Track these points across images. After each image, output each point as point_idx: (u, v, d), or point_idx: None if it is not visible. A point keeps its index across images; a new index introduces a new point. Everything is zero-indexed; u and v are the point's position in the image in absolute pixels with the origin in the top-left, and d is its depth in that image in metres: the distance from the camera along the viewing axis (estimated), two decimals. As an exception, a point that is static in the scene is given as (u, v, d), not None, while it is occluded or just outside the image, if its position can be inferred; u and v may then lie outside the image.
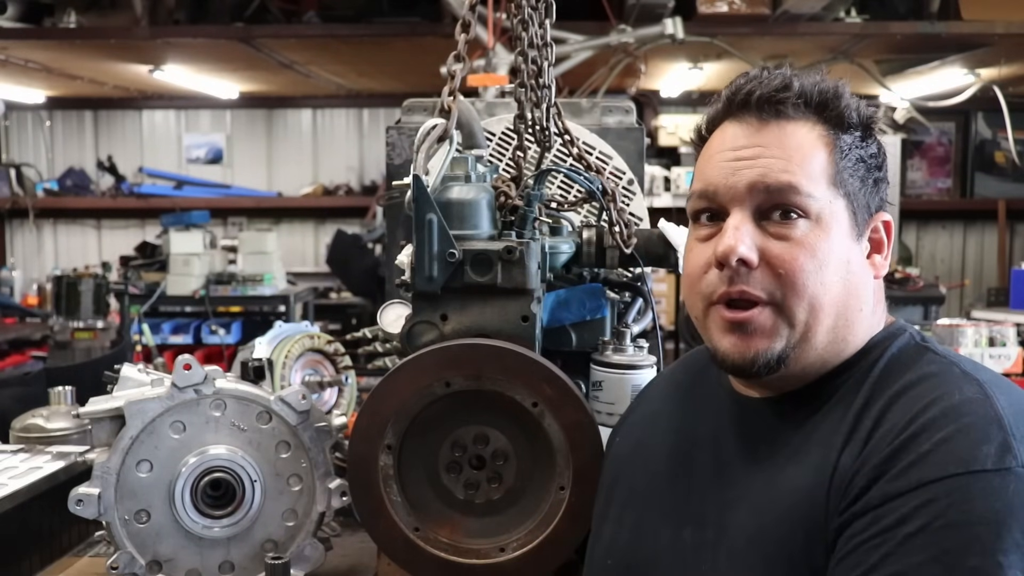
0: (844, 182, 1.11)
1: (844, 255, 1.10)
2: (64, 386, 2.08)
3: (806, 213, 1.09)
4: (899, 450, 0.99)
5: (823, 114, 1.13)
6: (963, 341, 4.12)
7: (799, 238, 1.09)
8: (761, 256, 1.09)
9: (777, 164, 1.10)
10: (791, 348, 1.10)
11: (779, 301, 1.09)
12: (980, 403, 1.00)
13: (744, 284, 1.10)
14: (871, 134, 1.16)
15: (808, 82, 1.14)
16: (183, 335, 6.59)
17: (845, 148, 1.12)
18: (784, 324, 1.10)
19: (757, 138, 1.12)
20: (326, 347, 2.05)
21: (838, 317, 1.10)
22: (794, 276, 1.08)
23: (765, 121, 1.13)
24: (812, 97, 1.13)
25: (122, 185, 8.43)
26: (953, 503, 0.93)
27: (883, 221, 1.16)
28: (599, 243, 1.52)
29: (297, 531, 1.49)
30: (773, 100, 1.12)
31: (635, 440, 1.32)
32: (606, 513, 1.29)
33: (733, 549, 1.10)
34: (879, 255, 1.16)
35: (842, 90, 1.14)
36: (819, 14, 5.19)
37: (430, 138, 1.42)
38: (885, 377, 1.09)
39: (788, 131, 1.12)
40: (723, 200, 1.13)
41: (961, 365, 1.07)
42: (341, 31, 5.66)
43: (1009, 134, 6.57)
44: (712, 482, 1.17)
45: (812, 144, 1.11)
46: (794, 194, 1.09)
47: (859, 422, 1.05)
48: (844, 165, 1.12)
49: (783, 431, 1.13)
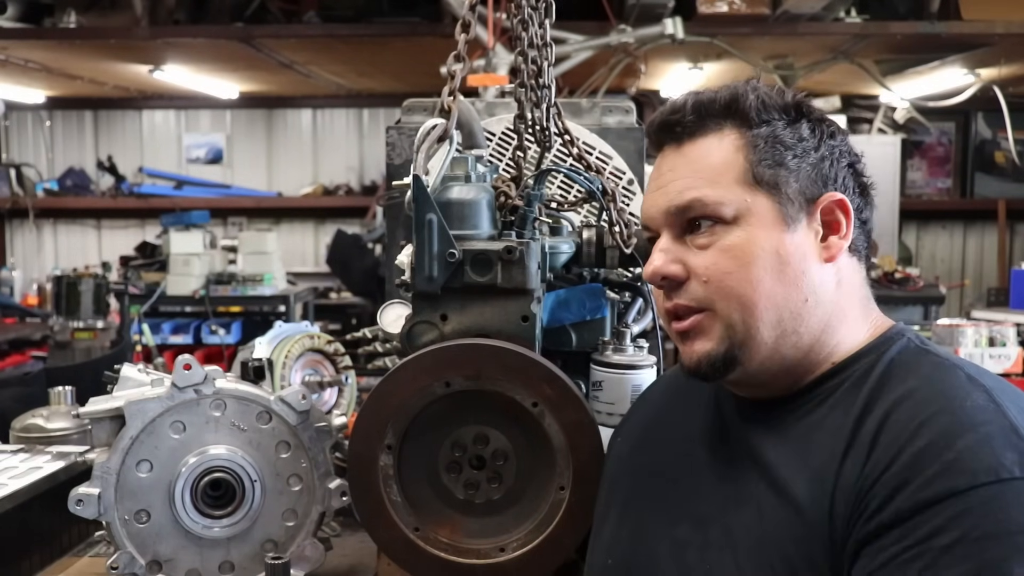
0: (762, 176, 1.13)
1: (770, 248, 1.11)
2: (64, 386, 2.08)
3: (721, 219, 1.13)
4: (919, 458, 0.97)
5: (730, 119, 1.16)
6: (963, 341, 4.12)
7: (719, 244, 1.13)
8: (688, 269, 1.15)
9: (681, 184, 1.16)
10: (737, 348, 1.13)
11: (711, 307, 1.14)
12: (993, 411, 0.99)
13: (677, 298, 1.17)
14: (800, 119, 1.16)
15: (707, 96, 1.19)
16: (183, 335, 6.59)
17: (760, 143, 1.14)
18: (720, 326, 1.14)
19: (667, 164, 1.20)
20: (326, 347, 2.05)
21: (780, 310, 1.12)
22: (718, 280, 1.13)
23: (677, 144, 1.19)
24: (712, 107, 1.17)
25: (122, 185, 8.43)
26: (988, 512, 0.93)
27: (835, 200, 1.14)
28: (599, 243, 1.52)
29: (297, 531, 1.49)
30: (671, 123, 1.19)
31: (636, 441, 1.32)
32: (606, 514, 1.29)
33: (736, 549, 1.09)
34: (835, 235, 1.15)
35: (741, 90, 1.17)
36: (819, 14, 5.19)
37: (430, 138, 1.42)
38: (884, 382, 1.08)
39: (694, 148, 1.17)
40: (652, 227, 1.21)
41: (964, 369, 1.06)
42: (341, 31, 5.66)
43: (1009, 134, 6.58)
44: (713, 484, 1.17)
45: (719, 150, 1.15)
46: (701, 206, 1.14)
47: (860, 427, 1.04)
48: (760, 159, 1.13)
49: (778, 434, 1.13)
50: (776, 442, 1.12)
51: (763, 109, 1.16)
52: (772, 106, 1.16)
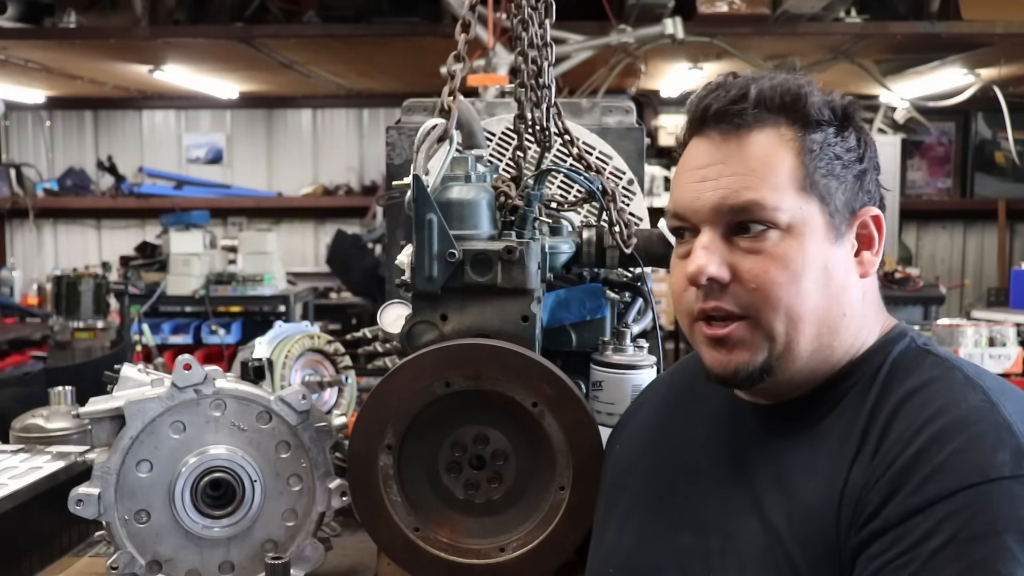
0: (816, 184, 1.09)
1: (820, 261, 1.08)
2: (64, 386, 2.08)
3: (775, 224, 1.08)
4: (912, 463, 0.97)
5: (787, 117, 1.10)
6: (963, 341, 4.12)
7: (770, 251, 1.08)
8: (733, 272, 1.09)
9: (739, 182, 1.09)
10: (774, 359, 1.09)
11: (755, 315, 1.09)
12: (987, 410, 0.99)
13: (718, 300, 1.10)
14: (848, 126, 1.12)
15: (767, 86, 1.11)
16: (183, 335, 6.59)
17: (815, 148, 1.09)
18: (763, 337, 1.09)
19: (718, 154, 1.11)
20: (326, 347, 2.05)
21: (820, 324, 1.09)
22: (767, 290, 1.07)
23: (726, 134, 1.11)
24: (772, 102, 1.10)
25: (122, 185, 8.43)
26: (976, 513, 0.92)
27: (872, 216, 1.12)
28: (599, 243, 1.52)
29: (297, 531, 1.49)
30: (730, 113, 1.10)
31: (636, 446, 1.31)
32: (608, 519, 1.28)
33: (742, 557, 1.09)
34: (868, 251, 1.13)
35: (805, 89, 1.11)
36: (819, 14, 5.19)
37: (430, 138, 1.42)
38: (888, 384, 1.07)
39: (751, 142, 1.10)
40: (692, 221, 1.13)
41: (964, 369, 1.06)
42: (341, 31, 5.66)
43: (1009, 134, 6.58)
44: (717, 489, 1.16)
45: (777, 151, 1.09)
46: (759, 210, 1.08)
47: (867, 433, 1.04)
48: (815, 166, 1.09)
49: (789, 439, 1.12)
50: (785, 448, 1.12)
51: (821, 111, 1.10)
52: (827, 108, 1.11)
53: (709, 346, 1.13)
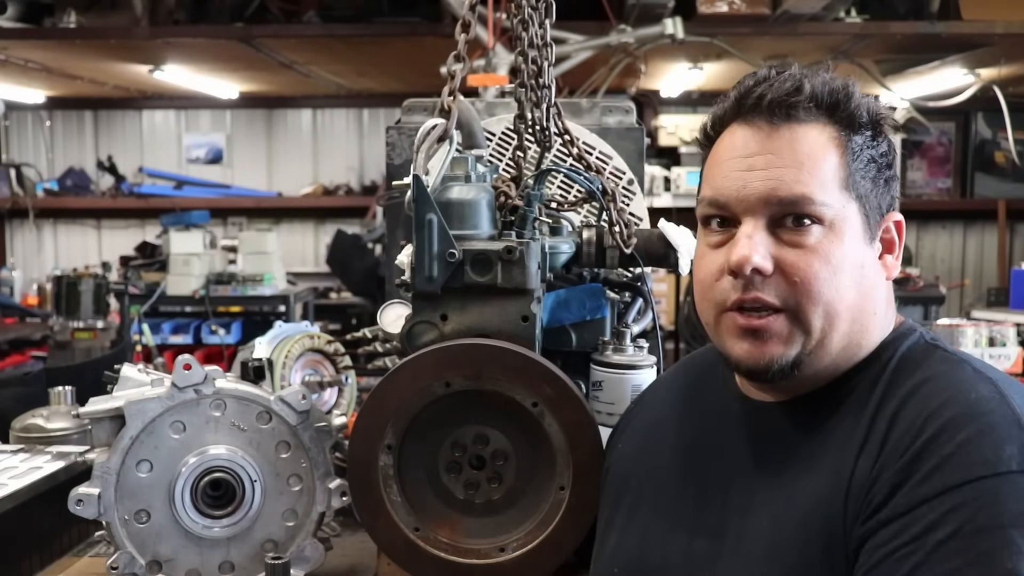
0: (856, 185, 1.10)
1: (858, 259, 1.10)
2: (64, 386, 2.08)
3: (820, 220, 1.08)
4: (920, 453, 0.97)
5: (834, 115, 1.11)
6: (963, 341, 4.12)
7: (813, 245, 1.08)
8: (775, 264, 1.09)
9: (789, 174, 1.09)
10: (806, 354, 1.10)
11: (794, 308, 1.09)
12: (997, 402, 0.99)
13: (758, 291, 1.10)
14: (881, 132, 1.14)
15: (818, 83, 1.12)
16: (183, 335, 6.59)
17: (856, 149, 1.11)
18: (799, 331, 1.09)
19: (768, 144, 1.11)
20: (326, 347, 2.05)
21: (853, 322, 1.10)
22: (809, 284, 1.08)
23: (775, 125, 1.11)
24: (823, 99, 1.11)
25: (122, 185, 8.42)
26: (983, 506, 0.93)
27: (895, 221, 1.15)
28: (599, 243, 1.52)
29: (297, 531, 1.49)
30: (784, 104, 1.11)
31: (639, 447, 1.31)
32: (611, 520, 1.28)
33: (750, 555, 1.08)
34: (890, 255, 1.15)
35: (852, 89, 1.13)
36: (819, 14, 5.19)
37: (430, 138, 1.42)
38: (896, 377, 1.08)
39: (799, 135, 1.10)
40: (735, 210, 1.12)
41: (972, 364, 1.07)
42: (341, 31, 5.66)
43: (1009, 134, 6.56)
44: (726, 490, 1.15)
45: (823, 148, 1.10)
46: (808, 204, 1.08)
47: (874, 424, 1.04)
48: (856, 167, 1.10)
49: (797, 435, 1.12)
50: (791, 446, 1.12)
51: (864, 115, 1.12)
52: (871, 114, 1.13)
53: (740, 337, 1.12)
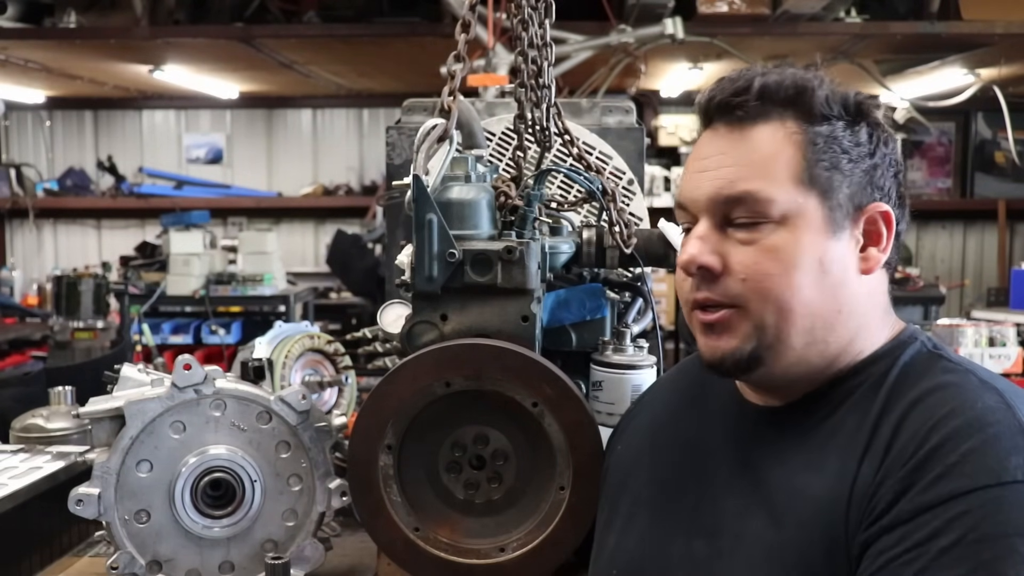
0: (816, 177, 1.09)
1: (814, 255, 1.08)
2: (64, 386, 2.08)
3: (769, 217, 1.08)
4: (925, 461, 0.97)
5: (793, 109, 1.11)
6: (963, 341, 4.12)
7: (763, 242, 1.09)
8: (726, 262, 1.10)
9: (733, 172, 1.10)
10: (764, 350, 1.10)
11: (744, 305, 1.10)
12: (1003, 413, 0.99)
13: (708, 291, 1.12)
14: (861, 121, 1.12)
15: (773, 79, 1.12)
16: (183, 335, 6.60)
17: (820, 141, 1.09)
18: (751, 327, 1.10)
19: (720, 145, 1.13)
20: (326, 347, 2.05)
21: (814, 318, 1.09)
22: (758, 281, 1.09)
23: (731, 125, 1.12)
24: (777, 95, 1.11)
25: (122, 185, 8.43)
26: (987, 515, 0.92)
27: (880, 212, 1.12)
28: (599, 243, 1.52)
29: (297, 531, 1.49)
30: (732, 105, 1.12)
31: (638, 448, 1.31)
32: (610, 522, 1.27)
33: (749, 560, 1.08)
34: (875, 247, 1.12)
35: (811, 82, 1.11)
36: (819, 14, 5.19)
37: (430, 138, 1.42)
38: (900, 385, 1.07)
39: (753, 134, 1.11)
40: (692, 211, 1.15)
41: (977, 374, 1.06)
42: (341, 31, 5.66)
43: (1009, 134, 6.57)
44: (724, 491, 1.15)
45: (778, 144, 1.10)
46: (752, 201, 1.09)
47: (877, 431, 1.03)
48: (817, 159, 1.09)
49: (795, 438, 1.12)
50: (791, 448, 1.11)
51: (827, 105, 1.10)
52: (836, 103, 1.11)
53: (702, 332, 1.15)
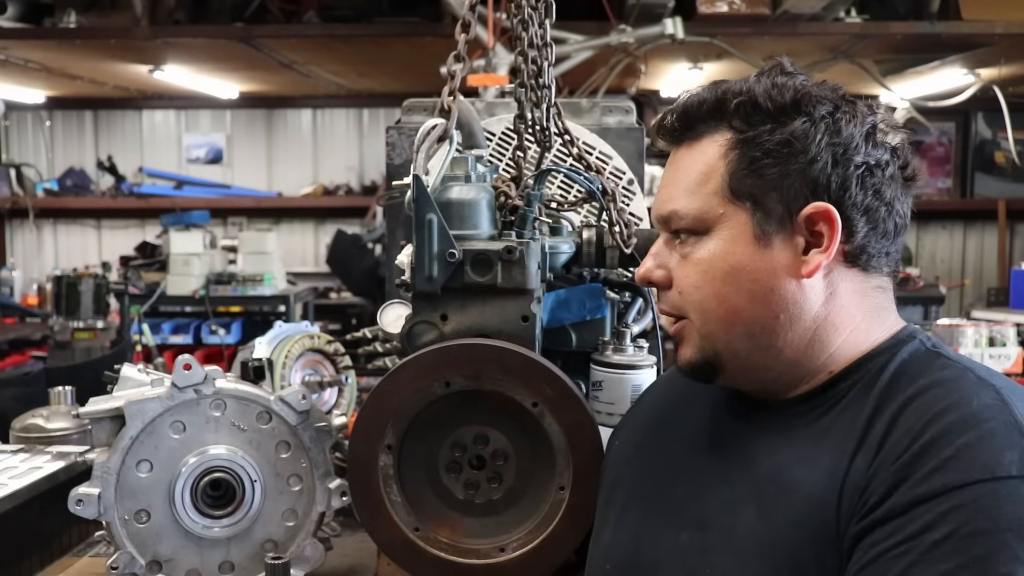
0: (738, 188, 1.09)
1: (735, 263, 1.10)
2: (64, 386, 2.08)
3: (694, 232, 1.14)
4: (919, 455, 0.97)
5: (717, 121, 1.13)
6: (963, 341, 4.12)
7: (692, 256, 1.15)
8: (671, 277, 1.18)
9: (666, 193, 1.17)
10: (713, 356, 1.16)
11: (688, 316, 1.17)
12: (999, 409, 0.99)
13: (661, 303, 1.21)
14: (794, 118, 1.08)
15: (695, 99, 1.14)
16: (183, 335, 6.60)
17: (748, 148, 1.09)
18: (697, 336, 1.17)
19: (668, 168, 1.20)
20: (326, 347, 2.05)
21: (749, 325, 1.12)
22: (688, 293, 1.15)
23: (675, 148, 1.19)
24: (700, 110, 1.13)
25: (122, 185, 8.42)
26: (980, 509, 0.92)
27: (819, 211, 1.07)
28: (599, 243, 1.52)
29: (297, 531, 1.49)
30: (665, 129, 1.18)
31: (635, 443, 1.32)
32: (606, 516, 1.28)
33: (740, 553, 1.08)
34: (816, 249, 1.08)
35: (730, 93, 1.11)
36: (819, 14, 5.19)
37: (430, 138, 1.42)
38: (896, 382, 1.07)
39: (688, 153, 1.16)
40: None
41: (976, 371, 1.06)
42: (341, 31, 5.66)
43: (1009, 134, 6.57)
44: (716, 485, 1.16)
45: (706, 159, 1.13)
46: (676, 219, 1.15)
47: (871, 427, 1.04)
48: (738, 168, 1.09)
49: (789, 434, 1.12)
50: (785, 444, 1.12)
51: (750, 112, 1.09)
52: (762, 108, 1.09)
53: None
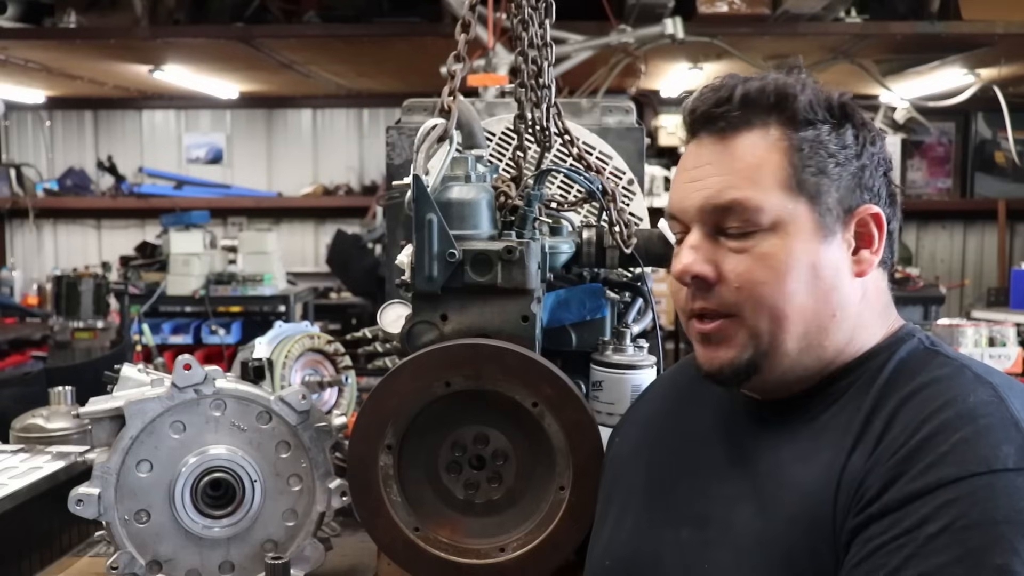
0: (804, 183, 1.09)
1: (806, 261, 1.09)
2: (64, 386, 2.08)
3: (759, 225, 1.09)
4: (916, 450, 0.98)
5: (776, 116, 1.11)
6: (963, 341, 4.12)
7: (753, 250, 1.09)
8: (720, 271, 1.11)
9: (722, 182, 1.11)
10: (760, 357, 1.11)
11: (739, 313, 1.11)
12: (996, 405, 0.99)
13: (703, 300, 1.13)
14: (846, 123, 1.12)
15: (754, 87, 1.12)
16: (183, 335, 6.59)
17: (805, 147, 1.10)
18: (747, 335, 1.11)
19: (707, 155, 1.13)
20: (326, 347, 2.05)
21: (808, 324, 1.10)
22: (752, 289, 1.09)
23: (716, 136, 1.13)
24: (759, 103, 1.11)
25: (122, 185, 8.43)
26: (976, 502, 0.93)
27: (871, 214, 1.12)
28: (599, 243, 1.52)
29: (297, 531, 1.49)
30: (715, 115, 1.12)
31: (635, 441, 1.32)
32: (605, 514, 1.29)
33: (738, 548, 1.09)
34: (867, 250, 1.12)
35: (792, 87, 1.11)
36: (819, 14, 5.19)
37: (430, 138, 1.42)
38: (894, 380, 1.08)
39: (737, 142, 1.11)
40: (683, 220, 1.16)
41: (973, 368, 1.06)
42: (341, 31, 5.66)
43: (1009, 134, 6.58)
44: (715, 481, 1.16)
45: (763, 151, 1.10)
46: (742, 210, 1.09)
47: (869, 424, 1.04)
48: (804, 165, 1.09)
49: (788, 432, 1.13)
50: (783, 441, 1.12)
51: (811, 110, 1.10)
52: (820, 107, 1.11)
53: (699, 342, 1.16)
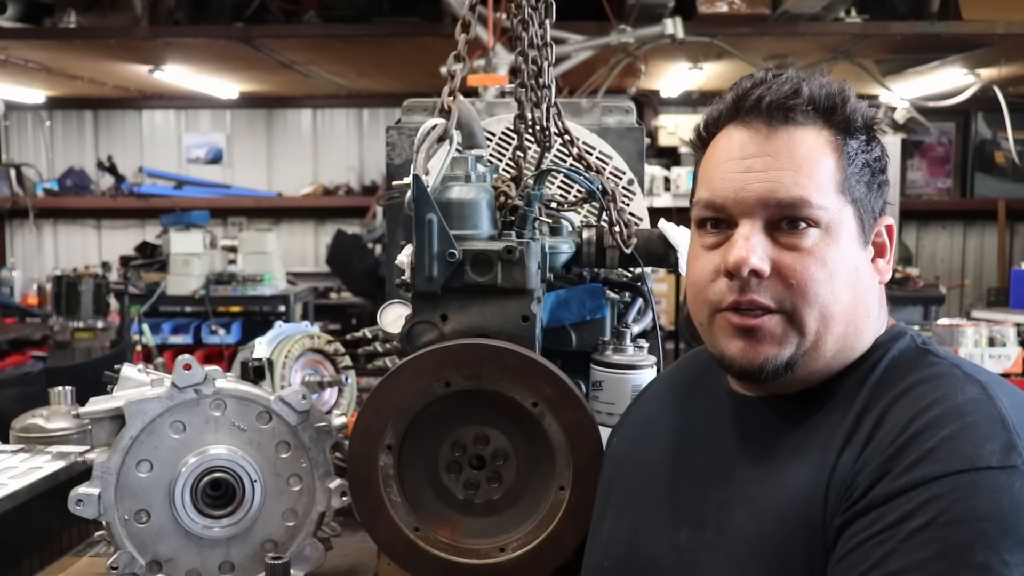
0: (851, 189, 1.11)
1: (853, 263, 1.11)
2: (64, 386, 2.08)
3: (816, 223, 1.09)
4: (903, 447, 0.99)
5: (830, 119, 1.12)
6: (963, 341, 4.12)
7: (810, 248, 1.09)
8: (772, 266, 1.09)
9: (788, 176, 1.09)
10: (800, 355, 1.10)
11: (789, 310, 1.09)
12: (983, 403, 1.00)
13: (754, 293, 1.10)
14: (874, 137, 1.15)
15: (816, 86, 1.12)
16: (183, 335, 6.59)
17: (852, 153, 1.12)
18: (794, 332, 1.10)
19: (766, 146, 1.11)
20: (326, 347, 2.05)
21: (848, 324, 1.11)
22: (805, 286, 1.08)
23: (773, 127, 1.11)
24: (820, 102, 1.11)
25: (122, 185, 8.43)
26: (959, 499, 0.94)
27: (886, 225, 1.17)
28: (599, 243, 1.52)
29: (297, 531, 1.49)
30: (784, 107, 1.11)
31: (633, 441, 1.32)
32: (604, 514, 1.29)
33: (732, 549, 1.10)
34: (882, 259, 1.16)
35: (848, 94, 1.13)
36: (819, 14, 5.19)
37: (430, 138, 1.42)
38: (886, 379, 1.09)
39: (797, 138, 1.10)
40: (732, 212, 1.12)
41: (962, 367, 1.07)
42: (341, 31, 5.66)
43: (1009, 134, 6.57)
44: (711, 482, 1.17)
45: (820, 151, 1.10)
46: (805, 206, 1.09)
47: (860, 423, 1.05)
48: (851, 171, 1.11)
49: (782, 431, 1.13)
50: (777, 441, 1.13)
51: (861, 120, 1.13)
52: (866, 119, 1.13)
53: (735, 336, 1.12)
